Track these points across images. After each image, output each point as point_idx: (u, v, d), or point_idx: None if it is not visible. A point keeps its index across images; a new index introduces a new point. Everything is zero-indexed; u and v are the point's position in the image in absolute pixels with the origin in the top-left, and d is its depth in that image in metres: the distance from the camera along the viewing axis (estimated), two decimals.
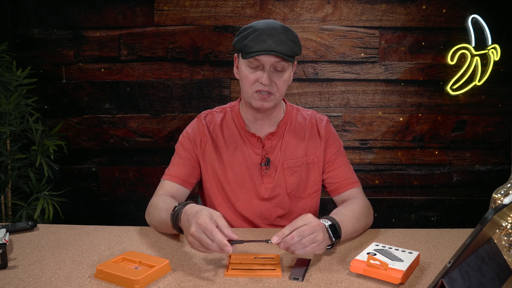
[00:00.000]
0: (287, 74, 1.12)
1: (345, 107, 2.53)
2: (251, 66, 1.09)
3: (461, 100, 2.53)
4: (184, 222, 0.89)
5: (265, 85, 1.08)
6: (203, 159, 1.22)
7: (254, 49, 1.05)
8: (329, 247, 0.94)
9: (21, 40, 2.44)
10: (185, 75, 2.49)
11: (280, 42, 1.05)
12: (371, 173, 2.58)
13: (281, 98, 1.17)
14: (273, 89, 1.10)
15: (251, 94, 1.12)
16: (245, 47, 1.07)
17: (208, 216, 0.83)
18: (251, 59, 1.08)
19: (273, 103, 1.13)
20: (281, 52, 1.05)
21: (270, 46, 1.04)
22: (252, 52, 1.05)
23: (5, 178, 2.17)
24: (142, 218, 1.16)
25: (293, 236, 0.83)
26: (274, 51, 1.04)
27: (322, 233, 0.87)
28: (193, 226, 0.83)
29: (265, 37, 1.05)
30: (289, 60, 1.07)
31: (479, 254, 0.70)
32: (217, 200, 1.23)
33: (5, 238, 0.92)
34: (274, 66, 1.08)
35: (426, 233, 1.10)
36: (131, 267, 0.83)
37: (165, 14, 2.44)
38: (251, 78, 1.10)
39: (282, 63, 1.08)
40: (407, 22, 2.47)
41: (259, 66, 1.09)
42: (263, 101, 1.11)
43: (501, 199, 0.85)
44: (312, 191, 1.24)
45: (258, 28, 1.07)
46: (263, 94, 1.10)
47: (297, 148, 1.22)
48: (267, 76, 1.08)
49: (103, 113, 2.51)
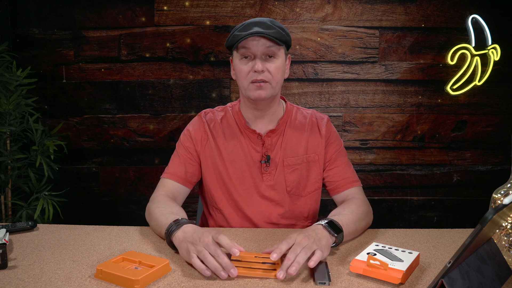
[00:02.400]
0: (279, 61, 1.13)
1: (345, 107, 2.53)
2: (243, 57, 1.12)
3: (461, 100, 2.53)
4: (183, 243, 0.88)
5: (258, 71, 1.10)
6: (204, 156, 1.22)
7: (242, 36, 1.08)
8: (334, 244, 0.94)
9: (21, 40, 2.44)
10: (185, 75, 2.49)
11: (267, 27, 1.10)
12: (371, 173, 2.58)
13: (278, 88, 1.17)
14: (267, 77, 1.12)
15: (247, 86, 1.13)
16: (234, 38, 1.11)
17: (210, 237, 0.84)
18: (242, 49, 1.10)
19: (269, 92, 1.13)
20: (268, 35, 1.07)
21: (257, 31, 1.08)
22: (240, 39, 1.08)
23: (5, 178, 2.17)
24: (142, 218, 1.16)
25: (289, 257, 0.81)
26: (261, 33, 1.07)
27: (314, 244, 0.85)
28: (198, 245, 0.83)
29: (252, 25, 1.10)
30: (278, 43, 1.10)
31: (479, 254, 0.70)
32: (219, 197, 1.22)
33: (5, 238, 0.92)
34: (265, 53, 1.10)
35: (426, 233, 1.10)
36: (131, 267, 0.83)
37: (165, 14, 2.44)
38: (245, 70, 1.12)
39: (272, 49, 1.10)
40: (407, 22, 2.47)
41: (251, 56, 1.11)
42: (259, 89, 1.12)
43: (501, 199, 0.85)
44: (312, 189, 1.24)
45: (246, 22, 1.13)
46: (258, 82, 1.11)
47: (298, 145, 1.22)
48: (259, 62, 1.10)
49: (103, 113, 2.51)
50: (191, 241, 0.85)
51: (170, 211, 1.02)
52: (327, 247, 0.88)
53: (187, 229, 0.90)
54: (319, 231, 0.90)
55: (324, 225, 0.93)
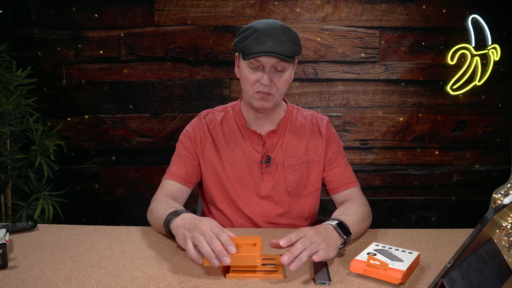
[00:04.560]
0: (287, 74, 1.13)
1: (345, 107, 2.53)
2: (251, 67, 1.11)
3: (461, 100, 2.53)
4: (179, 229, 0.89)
5: (265, 85, 1.09)
6: (203, 157, 1.22)
7: (254, 50, 1.06)
8: (341, 246, 0.93)
9: (21, 40, 2.44)
10: (185, 75, 2.49)
11: (280, 43, 1.06)
12: (372, 173, 2.58)
13: (281, 98, 1.18)
14: (272, 90, 1.11)
15: (251, 95, 1.13)
16: (245, 48, 1.08)
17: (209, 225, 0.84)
18: (252, 60, 1.09)
19: (273, 103, 1.14)
20: (280, 53, 1.05)
21: (270, 47, 1.05)
22: (252, 54, 1.06)
23: (5, 178, 2.17)
24: (142, 218, 1.16)
25: (297, 246, 0.81)
26: (273, 52, 1.05)
27: (324, 242, 0.84)
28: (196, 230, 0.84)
29: (265, 38, 1.05)
30: (289, 61, 1.08)
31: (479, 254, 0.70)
32: (218, 198, 1.23)
33: (5, 238, 0.92)
34: (274, 66, 1.09)
35: (426, 233, 1.10)
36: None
37: (165, 14, 2.44)
38: (252, 79, 1.11)
39: (282, 64, 1.09)
40: (407, 22, 2.47)
41: (260, 67, 1.10)
42: (263, 101, 1.12)
43: (501, 199, 0.85)
44: (312, 190, 1.24)
45: (258, 29, 1.07)
46: (263, 94, 1.11)
47: (298, 146, 1.23)
48: (267, 77, 1.08)
49: (103, 113, 2.51)
50: (188, 227, 0.86)
51: (170, 205, 1.03)
52: (335, 248, 0.88)
53: (186, 216, 0.91)
54: (329, 230, 0.90)
55: (335, 226, 0.92)
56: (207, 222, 0.85)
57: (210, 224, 0.84)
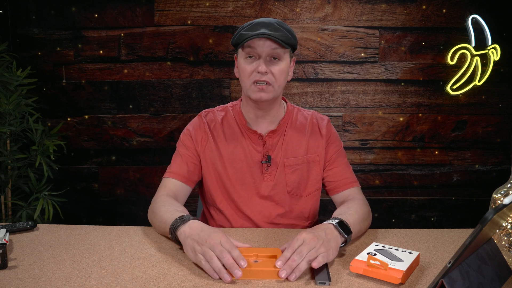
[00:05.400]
0: (284, 63, 1.13)
1: (345, 107, 2.53)
2: (248, 56, 1.12)
3: (461, 100, 2.53)
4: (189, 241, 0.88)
5: (262, 73, 1.10)
6: (204, 156, 1.22)
7: (249, 35, 1.08)
8: (342, 245, 0.93)
9: (21, 40, 2.44)
10: (185, 75, 2.49)
11: (274, 29, 1.09)
12: (371, 173, 2.58)
13: (280, 91, 1.17)
14: (270, 79, 1.12)
15: (249, 86, 1.13)
16: (240, 37, 1.11)
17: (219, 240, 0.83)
18: (247, 48, 1.10)
19: (271, 95, 1.14)
20: (275, 37, 1.07)
21: (264, 32, 1.07)
22: (246, 39, 1.08)
23: (5, 178, 2.17)
24: (142, 218, 1.16)
25: (294, 258, 0.80)
26: (267, 34, 1.07)
27: (323, 246, 0.84)
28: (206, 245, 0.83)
29: (259, 26, 1.10)
30: (284, 46, 1.10)
31: (479, 254, 0.70)
32: (218, 198, 1.23)
33: (5, 238, 0.92)
34: (270, 54, 1.10)
35: (426, 233, 1.10)
36: (251, 261, 0.84)
37: (165, 14, 2.44)
38: (249, 69, 1.12)
39: (278, 51, 1.10)
40: (407, 22, 2.47)
41: (256, 56, 1.11)
42: (261, 91, 1.12)
43: (501, 199, 0.85)
44: (312, 190, 1.24)
45: (254, 21, 1.13)
46: (261, 84, 1.11)
47: (299, 146, 1.23)
48: (264, 64, 1.10)
49: (103, 113, 2.51)
50: (197, 240, 0.85)
51: (175, 209, 1.02)
52: (335, 249, 0.87)
53: (194, 225, 0.90)
54: (329, 231, 0.89)
55: (335, 224, 0.92)
56: (217, 236, 0.84)
57: (221, 239, 0.83)
